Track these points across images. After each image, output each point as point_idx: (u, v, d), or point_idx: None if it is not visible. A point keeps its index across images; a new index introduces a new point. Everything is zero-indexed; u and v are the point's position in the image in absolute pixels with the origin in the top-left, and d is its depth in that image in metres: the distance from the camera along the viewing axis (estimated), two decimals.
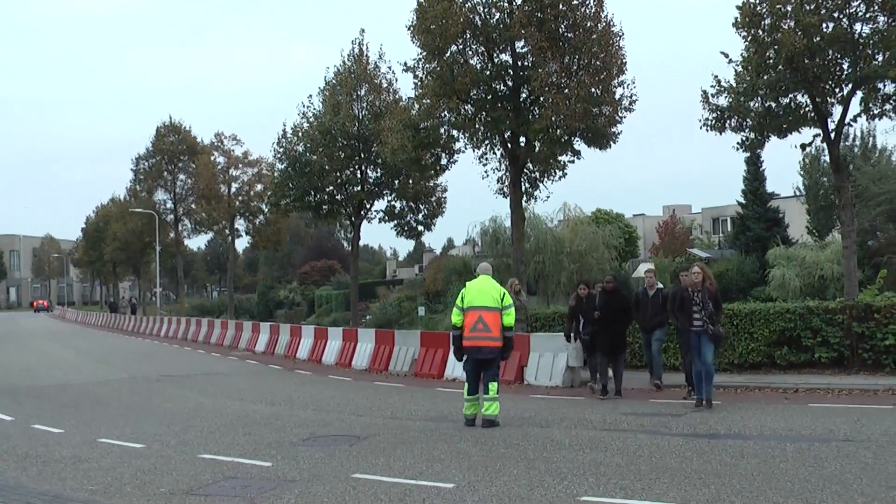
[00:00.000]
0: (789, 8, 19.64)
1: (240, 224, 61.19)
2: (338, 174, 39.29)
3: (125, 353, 34.19)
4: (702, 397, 14.05)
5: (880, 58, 19.42)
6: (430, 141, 29.13)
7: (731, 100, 21.30)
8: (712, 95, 21.68)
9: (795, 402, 14.48)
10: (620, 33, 26.09)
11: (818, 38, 19.54)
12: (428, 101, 27.10)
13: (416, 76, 27.56)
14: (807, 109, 20.82)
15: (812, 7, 19.53)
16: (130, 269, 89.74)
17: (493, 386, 12.82)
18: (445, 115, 27.57)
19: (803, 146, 21.96)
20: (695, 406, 14.05)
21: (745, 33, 20.72)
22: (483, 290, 13.13)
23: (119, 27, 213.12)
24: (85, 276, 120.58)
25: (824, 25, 19.70)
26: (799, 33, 19.32)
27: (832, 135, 20.91)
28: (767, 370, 17.85)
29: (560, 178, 28.42)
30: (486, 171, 28.55)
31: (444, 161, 32.94)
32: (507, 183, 28.00)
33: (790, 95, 20.86)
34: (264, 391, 19.16)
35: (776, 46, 19.89)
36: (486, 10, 26.22)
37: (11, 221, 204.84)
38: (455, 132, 28.95)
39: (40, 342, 42.54)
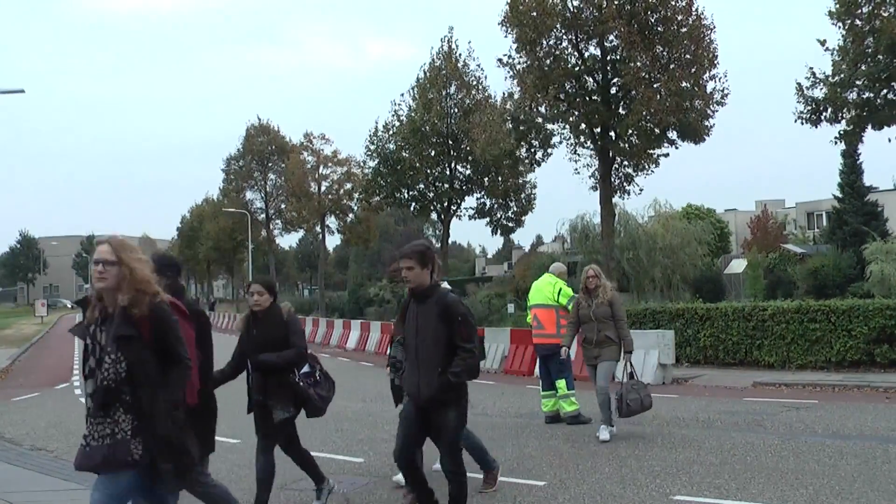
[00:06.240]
0: None
1: (330, 222, 61.97)
2: (428, 171, 39.60)
3: (220, 350, 34.76)
4: None
5: None
6: (528, 132, 29.35)
7: (826, 91, 20.80)
8: (807, 88, 21.23)
9: None
10: (711, 26, 25.78)
11: None
12: (526, 94, 27.15)
13: (511, 68, 27.66)
14: None
15: None
16: (224, 268, 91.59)
17: (560, 384, 12.75)
18: (542, 109, 27.67)
19: None
20: None
21: (841, 23, 20.22)
22: (538, 288, 13.27)
23: (195, 26, 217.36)
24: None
25: None
26: None
27: None
28: (867, 368, 17.36)
29: (652, 172, 28.22)
30: (577, 168, 28.51)
31: (538, 154, 33.05)
32: (598, 178, 27.89)
33: (891, 85, 20.29)
34: (356, 388, 19.30)
35: (875, 35, 19.37)
36: (577, 3, 26.13)
37: (112, 221, 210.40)
38: (550, 126, 29.03)
39: None
